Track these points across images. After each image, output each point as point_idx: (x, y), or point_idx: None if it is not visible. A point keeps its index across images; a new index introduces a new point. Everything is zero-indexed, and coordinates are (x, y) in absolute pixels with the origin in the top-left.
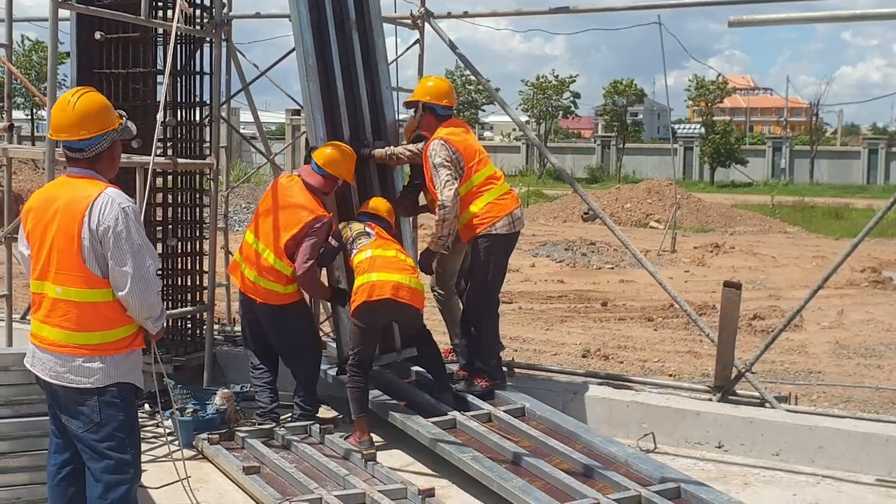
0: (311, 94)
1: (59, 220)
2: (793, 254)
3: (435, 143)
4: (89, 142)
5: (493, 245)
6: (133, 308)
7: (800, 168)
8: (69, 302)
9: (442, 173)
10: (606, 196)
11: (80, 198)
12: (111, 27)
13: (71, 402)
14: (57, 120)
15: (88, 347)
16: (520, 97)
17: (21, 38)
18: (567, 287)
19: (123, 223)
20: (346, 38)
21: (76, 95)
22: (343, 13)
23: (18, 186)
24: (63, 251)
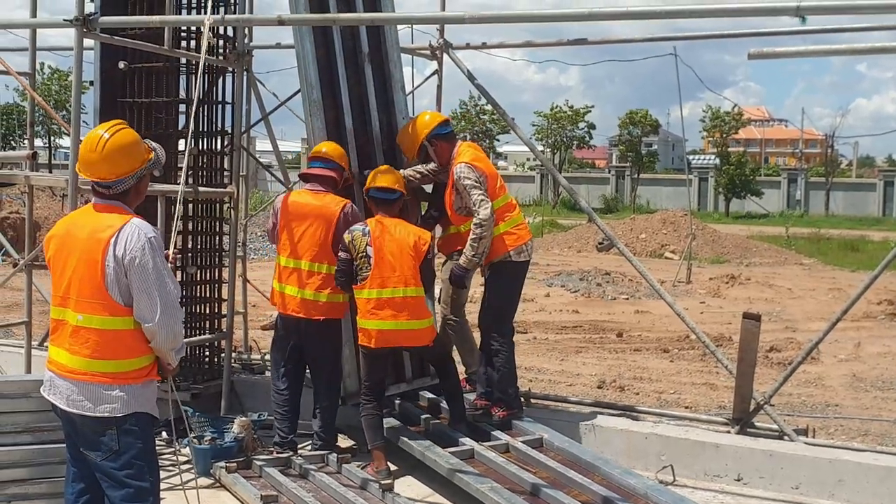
0: (315, 128)
1: (82, 248)
2: (809, 286)
3: (462, 167)
4: (116, 182)
5: (510, 272)
6: (159, 338)
7: (815, 200)
8: (91, 329)
9: (475, 193)
10: (621, 226)
11: (105, 227)
12: (135, 57)
13: (89, 430)
14: (86, 159)
15: (108, 375)
16: (534, 128)
17: (41, 66)
18: (582, 317)
19: (150, 254)
20: (359, 71)
21: (108, 132)
22: (356, 46)
23: (36, 213)
24: (85, 279)
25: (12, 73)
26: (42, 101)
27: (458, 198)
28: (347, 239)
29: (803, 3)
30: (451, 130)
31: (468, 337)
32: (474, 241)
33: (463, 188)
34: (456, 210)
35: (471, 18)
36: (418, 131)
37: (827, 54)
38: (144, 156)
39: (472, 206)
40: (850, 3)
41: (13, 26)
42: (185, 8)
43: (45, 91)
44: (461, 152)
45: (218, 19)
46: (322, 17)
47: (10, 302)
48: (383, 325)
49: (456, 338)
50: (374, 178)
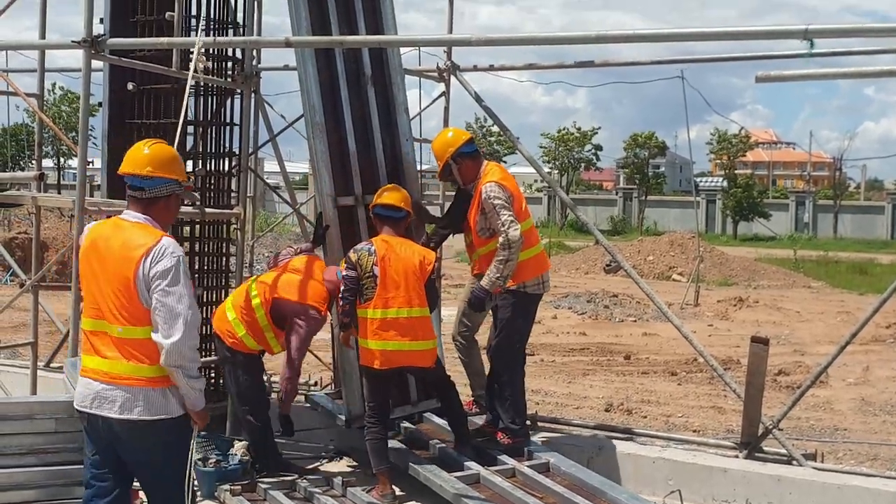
0: (318, 151)
1: (115, 264)
2: (817, 309)
3: (492, 185)
4: (151, 181)
5: (521, 301)
6: (167, 354)
7: (823, 222)
8: (133, 340)
9: (504, 214)
10: (629, 248)
11: (138, 244)
12: (143, 78)
13: (136, 436)
14: (129, 158)
15: (156, 380)
16: (541, 150)
17: (52, 86)
18: (589, 339)
19: (172, 271)
20: (362, 93)
21: (151, 143)
22: (359, 69)
23: (44, 234)
24: (121, 293)
25: (20, 94)
26: (50, 122)
27: (482, 218)
28: (354, 258)
29: (811, 27)
30: (476, 149)
31: (476, 360)
32: (500, 263)
33: (492, 208)
34: (479, 231)
35: (478, 41)
36: (443, 150)
37: (835, 77)
38: (182, 175)
39: (499, 226)
40: (857, 27)
41: (22, 47)
42: (195, 30)
43: (55, 112)
44: (489, 171)
45: (209, 41)
46: (329, 39)
47: (16, 322)
48: (388, 345)
49: (464, 360)
50: (380, 194)
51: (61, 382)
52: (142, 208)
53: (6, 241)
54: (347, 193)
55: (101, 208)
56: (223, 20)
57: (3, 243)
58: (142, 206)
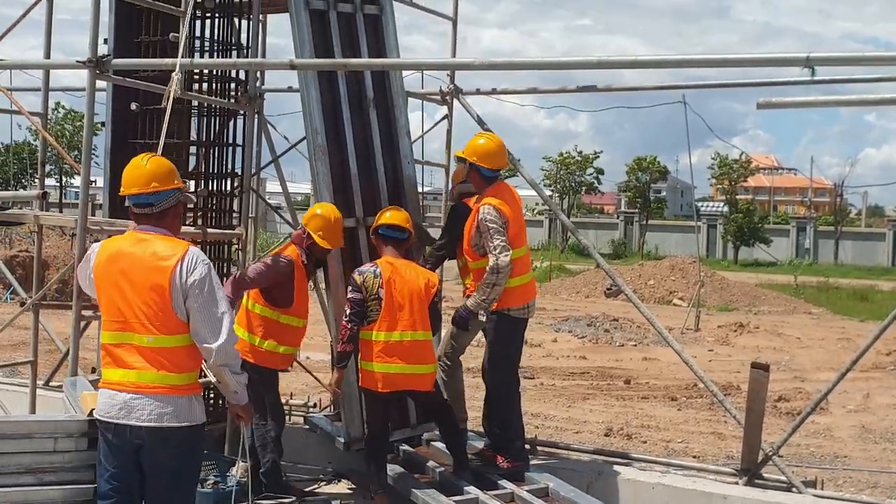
0: (320, 173)
1: (145, 273)
2: (818, 335)
3: (490, 208)
4: (159, 195)
5: (506, 324)
6: (214, 356)
7: (824, 248)
8: (163, 348)
9: (497, 239)
10: (630, 272)
11: (169, 254)
12: (146, 98)
13: (162, 443)
14: (130, 176)
15: (180, 387)
16: (543, 173)
17: (56, 105)
18: (589, 363)
19: (207, 278)
20: (365, 116)
21: (146, 158)
22: (361, 92)
23: (46, 252)
24: (151, 303)
25: (24, 112)
26: (53, 141)
27: (477, 234)
28: (359, 280)
29: (813, 54)
30: (495, 176)
31: (458, 382)
32: (486, 287)
33: (486, 230)
34: (473, 246)
35: (480, 65)
36: (472, 150)
37: (836, 105)
38: (179, 181)
39: (491, 249)
40: (858, 56)
41: (27, 67)
42: (199, 51)
43: (58, 131)
44: (492, 192)
45: (225, 63)
46: (333, 62)
47: (16, 340)
48: (390, 368)
49: (445, 381)
50: (382, 215)
51: (60, 401)
52: (154, 222)
53: (7, 259)
54: (349, 215)
55: (103, 227)
56: (227, 42)
57: (4, 261)
58: (153, 220)
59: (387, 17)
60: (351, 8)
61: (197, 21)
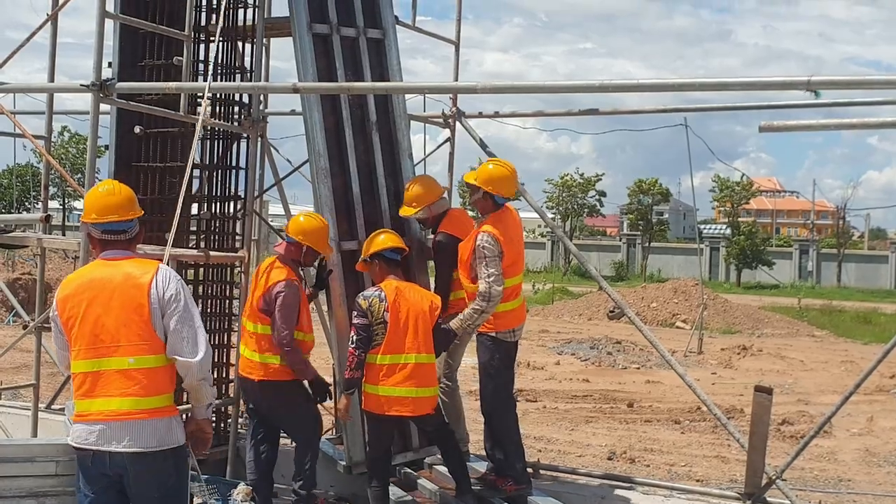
0: (323, 195)
1: (121, 296)
2: (821, 358)
3: (487, 236)
4: (130, 223)
5: (495, 347)
6: (192, 371)
7: (827, 271)
8: (143, 370)
9: (491, 268)
10: (632, 294)
11: (140, 273)
12: (150, 122)
13: (145, 469)
14: (105, 205)
15: (160, 410)
16: (545, 195)
17: (61, 130)
18: (592, 386)
19: (182, 293)
20: (367, 138)
21: (116, 185)
22: (364, 115)
23: (48, 275)
24: (130, 324)
25: (28, 135)
26: (56, 164)
27: (474, 258)
28: (364, 305)
29: (814, 78)
30: (503, 203)
31: (458, 403)
32: (475, 313)
33: (482, 257)
34: (469, 268)
35: (483, 88)
36: (489, 180)
37: (838, 128)
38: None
39: (484, 277)
40: (860, 79)
41: (31, 90)
42: (202, 74)
43: (62, 154)
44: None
45: (218, 87)
46: (336, 85)
47: (18, 363)
48: (393, 391)
49: (446, 401)
50: (376, 239)
51: (62, 424)
52: (123, 246)
53: (10, 282)
54: (351, 238)
55: None
56: (231, 65)
57: (7, 284)
58: (122, 245)
59: (389, 41)
60: (354, 32)
61: (202, 45)
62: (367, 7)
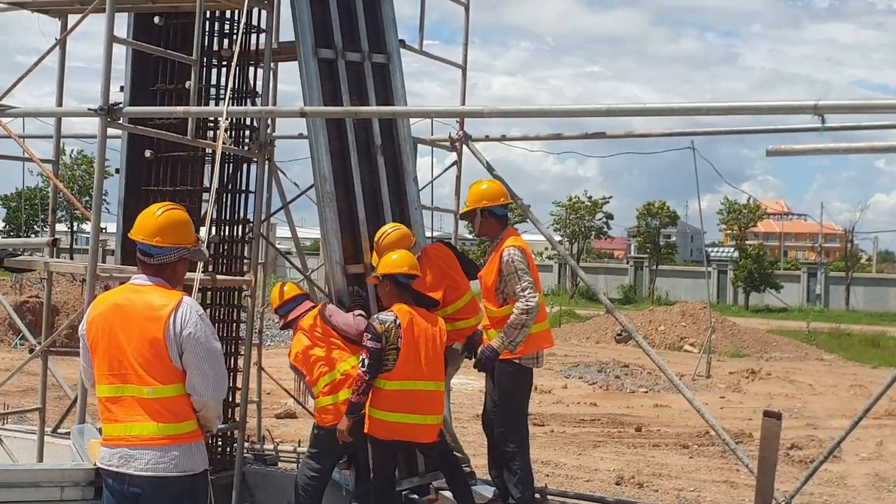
0: (328, 219)
1: (140, 326)
2: (830, 382)
3: (514, 250)
4: (160, 250)
5: (517, 374)
6: (208, 408)
7: (835, 294)
8: (161, 399)
9: (525, 279)
10: (640, 318)
11: (160, 305)
12: (160, 145)
13: (161, 493)
14: (140, 223)
15: (181, 437)
16: (552, 218)
17: (71, 151)
18: (600, 410)
19: (202, 329)
20: (373, 162)
21: (163, 209)
22: (369, 139)
23: (55, 298)
24: (147, 354)
25: (35, 160)
26: (65, 189)
27: (500, 281)
28: (380, 329)
29: (821, 102)
30: (506, 214)
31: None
32: (515, 328)
33: (513, 271)
34: (497, 291)
35: (490, 112)
36: (477, 198)
37: (845, 152)
38: (192, 238)
39: (518, 291)
40: (867, 103)
41: (39, 114)
42: (214, 99)
43: (69, 176)
44: (515, 237)
45: (236, 111)
46: (343, 109)
47: (24, 386)
48: (402, 417)
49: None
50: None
51: (68, 449)
52: (153, 272)
53: (17, 305)
54: (356, 261)
55: (114, 275)
56: (241, 89)
57: (14, 307)
58: (152, 269)
59: (394, 66)
60: (359, 57)
61: (213, 70)
62: (372, 32)
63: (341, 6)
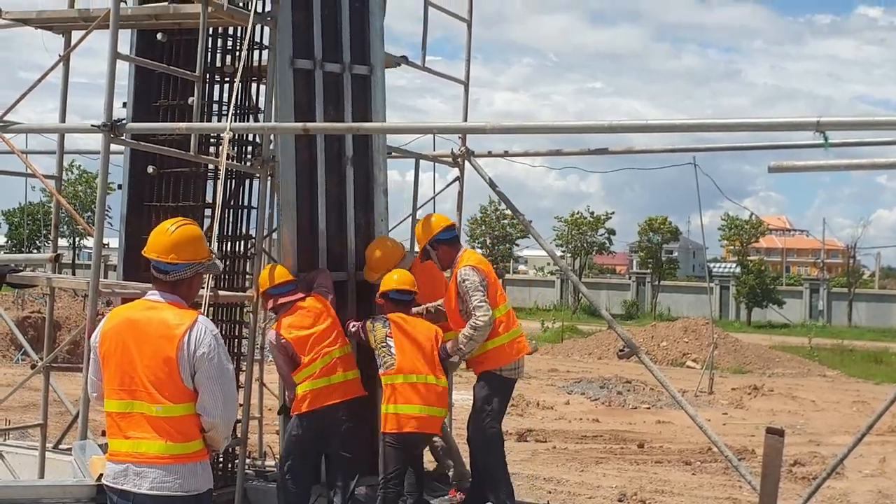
0: (288, 227)
1: (153, 343)
2: (832, 398)
3: (466, 269)
4: (175, 267)
5: (496, 385)
6: (219, 430)
7: (837, 310)
8: (169, 418)
9: (476, 296)
10: (642, 333)
11: (175, 323)
12: (163, 161)
13: None
14: (153, 241)
15: (187, 456)
16: (554, 233)
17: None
18: (602, 426)
19: (216, 350)
20: (341, 172)
21: (176, 224)
22: (341, 149)
23: (57, 313)
24: (159, 372)
25: (38, 176)
26: (67, 206)
27: (460, 301)
28: (369, 327)
29: (823, 119)
30: (454, 235)
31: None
32: (465, 339)
33: (465, 291)
34: (461, 313)
35: (492, 129)
36: (422, 234)
37: (847, 168)
38: (206, 253)
39: (471, 309)
40: (869, 120)
41: (42, 131)
42: (216, 115)
43: (72, 192)
44: (465, 257)
45: (239, 128)
46: (346, 125)
47: (26, 402)
48: (413, 409)
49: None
50: (391, 281)
51: (70, 465)
52: (168, 288)
53: (19, 321)
54: (312, 268)
55: (116, 290)
56: (243, 105)
57: (16, 322)
58: (168, 286)
59: (376, 78)
60: (339, 68)
61: (216, 85)
62: (357, 43)
63: (327, 17)
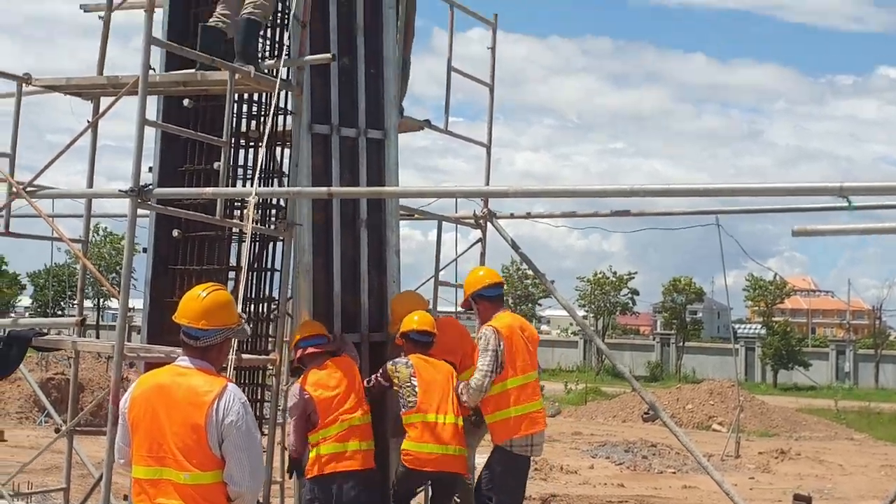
0: (301, 289)
1: (182, 411)
2: (860, 462)
3: (488, 329)
4: (206, 333)
5: (507, 460)
6: (243, 498)
7: (864, 372)
8: (197, 486)
9: (484, 359)
10: (667, 396)
11: (204, 391)
12: (188, 224)
13: None
14: (184, 306)
15: None
16: (577, 293)
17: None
18: (628, 492)
19: (244, 418)
20: (356, 234)
21: (207, 290)
22: (356, 213)
23: (81, 375)
24: (188, 439)
25: (65, 240)
26: (94, 269)
27: None
28: (391, 369)
29: (847, 184)
30: (499, 294)
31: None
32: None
33: (481, 348)
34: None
35: (514, 193)
36: (469, 285)
37: (870, 233)
38: (236, 318)
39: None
40: (893, 185)
41: (70, 196)
42: (241, 179)
43: (96, 254)
44: (497, 317)
45: (265, 192)
46: (368, 190)
47: (49, 464)
48: (430, 448)
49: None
50: (412, 321)
51: None
52: (198, 354)
53: (42, 382)
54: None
55: (140, 354)
56: (268, 169)
57: (40, 384)
58: (198, 352)
59: (389, 142)
60: (354, 132)
61: (241, 150)
62: (371, 109)
63: (344, 83)
